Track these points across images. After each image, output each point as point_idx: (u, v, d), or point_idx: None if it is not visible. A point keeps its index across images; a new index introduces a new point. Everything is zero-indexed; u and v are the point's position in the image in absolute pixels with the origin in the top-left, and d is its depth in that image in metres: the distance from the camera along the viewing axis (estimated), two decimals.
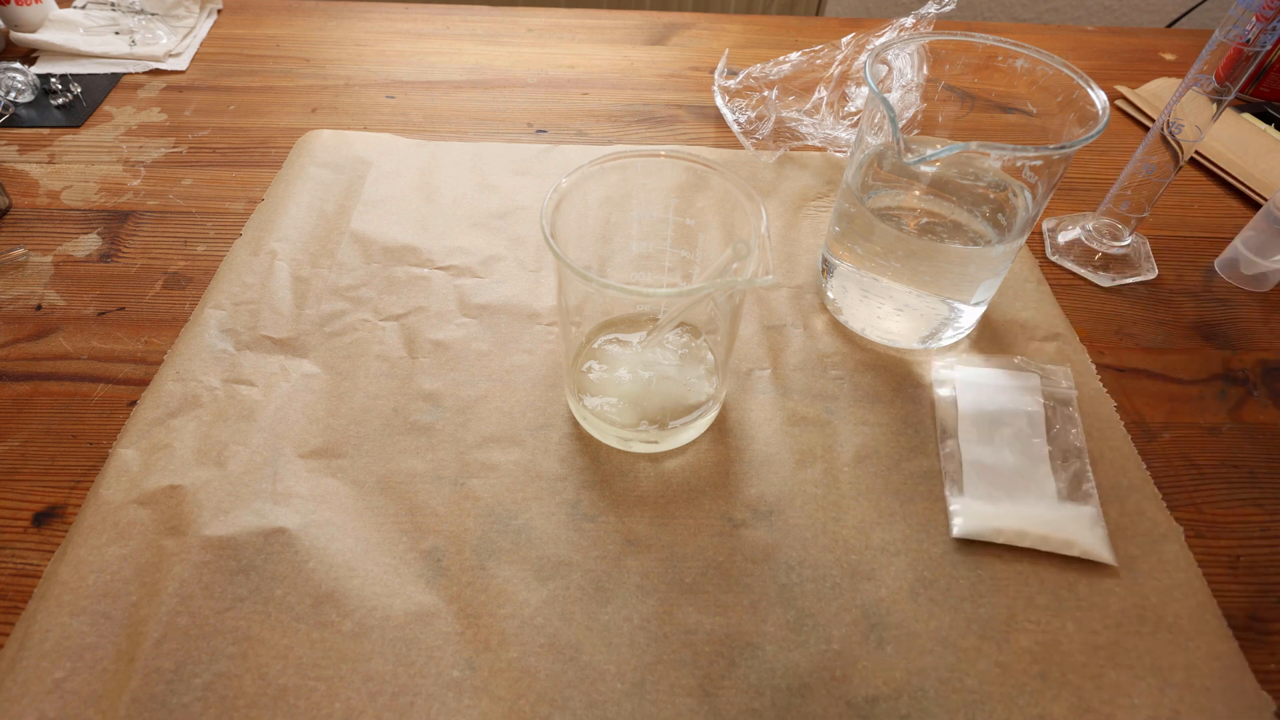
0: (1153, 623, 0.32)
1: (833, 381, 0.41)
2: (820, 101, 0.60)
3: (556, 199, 0.32)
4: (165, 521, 0.33)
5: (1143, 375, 0.43)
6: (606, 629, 0.31)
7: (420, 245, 0.47)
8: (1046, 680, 0.30)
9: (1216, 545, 0.35)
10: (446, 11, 0.74)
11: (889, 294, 0.40)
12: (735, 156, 0.56)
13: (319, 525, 0.33)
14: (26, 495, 0.35)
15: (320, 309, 0.43)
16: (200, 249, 0.48)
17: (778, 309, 0.45)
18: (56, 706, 0.28)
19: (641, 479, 0.36)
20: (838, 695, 0.29)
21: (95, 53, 0.64)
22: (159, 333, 0.43)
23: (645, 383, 0.38)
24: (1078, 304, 0.46)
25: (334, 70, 0.65)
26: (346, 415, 0.38)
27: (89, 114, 0.58)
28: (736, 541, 0.34)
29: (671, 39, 0.71)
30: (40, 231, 0.48)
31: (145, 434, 0.37)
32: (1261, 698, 0.30)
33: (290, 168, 0.53)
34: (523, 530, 0.34)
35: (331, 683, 0.29)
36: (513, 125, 0.59)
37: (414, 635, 0.31)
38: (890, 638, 0.31)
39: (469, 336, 0.42)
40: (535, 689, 0.29)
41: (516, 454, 0.37)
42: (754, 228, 0.31)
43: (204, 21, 0.70)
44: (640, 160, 0.34)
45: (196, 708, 0.28)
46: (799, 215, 0.51)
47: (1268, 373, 0.43)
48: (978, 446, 0.37)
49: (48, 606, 0.31)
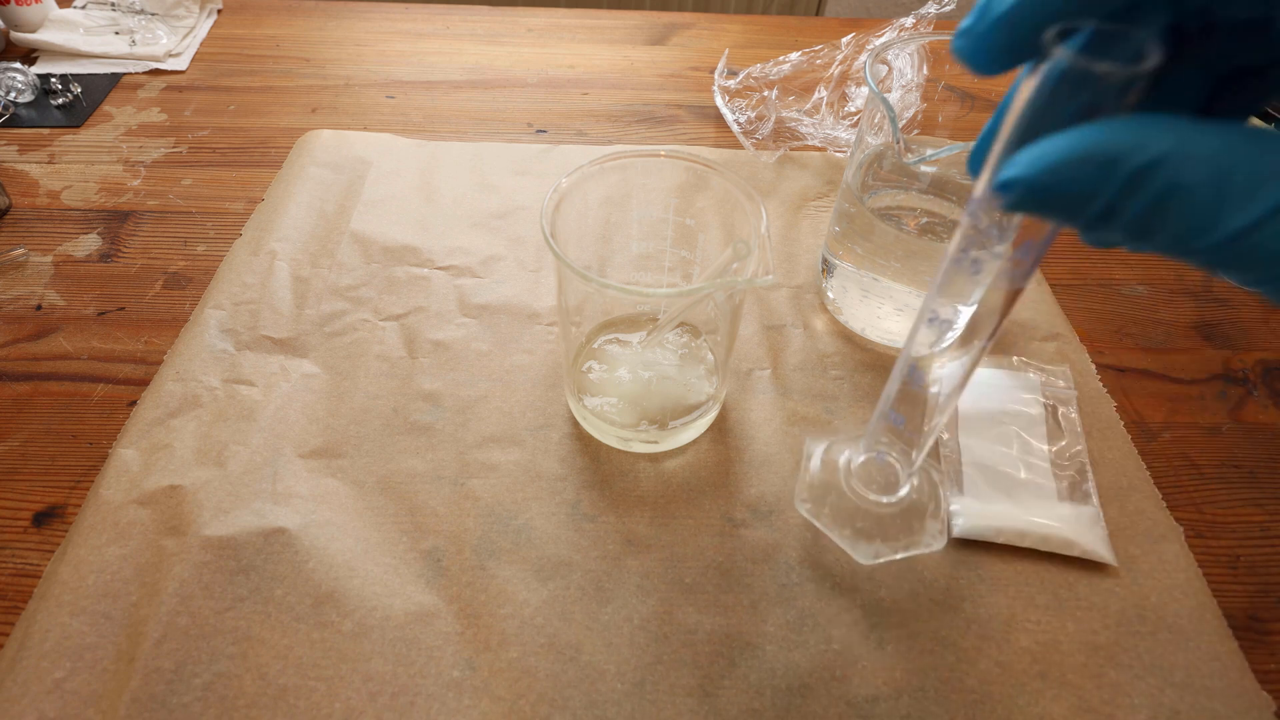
0: (1153, 623, 0.32)
1: (833, 381, 0.41)
2: (820, 101, 0.60)
3: (556, 199, 0.32)
4: (165, 521, 0.33)
5: (1143, 375, 0.43)
6: (606, 629, 0.31)
7: (420, 245, 0.47)
8: (1046, 680, 0.30)
9: (1216, 545, 0.35)
10: (446, 11, 0.74)
11: (889, 294, 0.40)
12: (735, 156, 0.56)
13: (319, 525, 0.34)
14: (26, 495, 0.35)
15: (320, 309, 0.43)
16: (200, 249, 0.48)
17: (778, 309, 0.45)
18: (56, 706, 0.28)
19: (641, 479, 0.36)
20: (838, 695, 0.29)
21: (95, 53, 0.64)
22: (159, 333, 0.43)
23: (645, 383, 0.38)
24: (1078, 304, 0.46)
25: (334, 70, 0.65)
26: (346, 415, 0.38)
27: (89, 114, 0.58)
28: (736, 541, 0.34)
29: (671, 39, 0.71)
30: (40, 231, 0.48)
31: (145, 434, 0.37)
32: (1261, 698, 0.30)
33: (290, 168, 0.53)
34: (523, 530, 0.34)
35: (331, 683, 0.29)
36: (513, 125, 0.59)
37: (414, 635, 0.31)
38: (890, 638, 0.31)
39: (469, 336, 0.42)
40: (535, 689, 0.29)
41: (516, 454, 0.37)
42: (754, 228, 0.31)
43: (204, 21, 0.70)
44: (640, 160, 0.34)
45: (196, 708, 0.28)
46: (799, 215, 0.51)
47: (1268, 373, 0.43)
48: (977, 446, 0.37)
49: (48, 606, 0.31)
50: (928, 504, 0.34)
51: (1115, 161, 0.14)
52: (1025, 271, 0.21)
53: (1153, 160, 0.14)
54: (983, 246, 0.21)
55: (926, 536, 0.32)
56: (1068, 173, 0.14)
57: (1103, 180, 0.14)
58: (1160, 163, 0.14)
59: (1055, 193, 0.15)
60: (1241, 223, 0.13)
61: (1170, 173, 0.14)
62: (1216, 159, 0.13)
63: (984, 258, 0.21)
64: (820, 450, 0.36)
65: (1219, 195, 0.13)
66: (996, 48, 0.17)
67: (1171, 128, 0.14)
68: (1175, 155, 0.14)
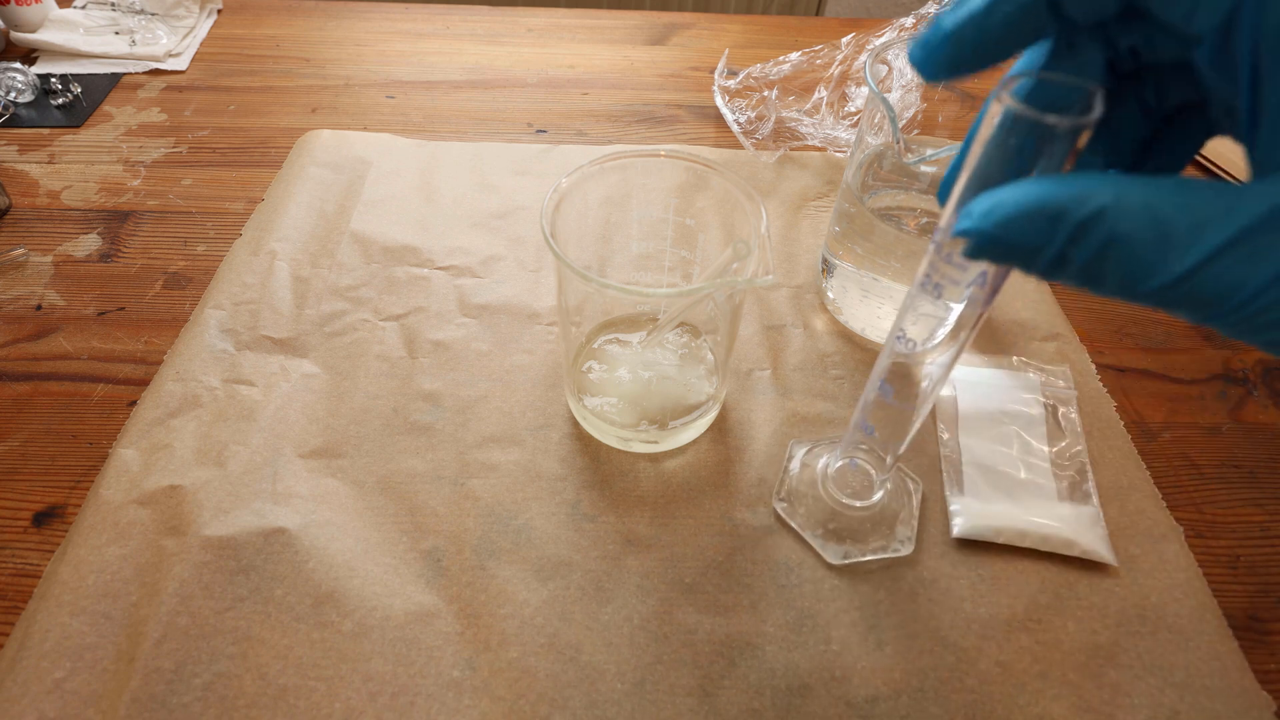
0: (1153, 623, 0.32)
1: (833, 381, 0.41)
2: (820, 101, 0.60)
3: (556, 199, 0.32)
4: (165, 521, 0.33)
5: (1143, 375, 0.43)
6: (606, 629, 0.31)
7: (420, 245, 0.47)
8: (1046, 680, 0.30)
9: (1216, 545, 0.35)
10: (446, 11, 0.74)
11: (889, 294, 0.40)
12: (735, 156, 0.56)
13: (319, 525, 0.33)
14: (26, 495, 0.35)
15: (320, 309, 0.43)
16: (200, 249, 0.48)
17: (778, 309, 0.45)
18: (56, 706, 0.28)
19: (641, 479, 0.36)
20: (838, 695, 0.29)
21: (95, 53, 0.64)
22: (159, 333, 0.43)
23: (645, 383, 0.38)
24: (1077, 303, 0.46)
25: (334, 70, 0.65)
26: (346, 415, 0.38)
27: (89, 114, 0.58)
28: (736, 541, 0.34)
29: (671, 39, 0.71)
30: (40, 231, 0.48)
31: (145, 434, 0.37)
32: (1261, 698, 0.30)
33: (290, 168, 0.53)
34: (523, 530, 0.34)
35: (331, 683, 0.29)
36: (513, 125, 0.59)
37: (414, 635, 0.31)
38: (890, 638, 0.31)
39: (469, 336, 0.42)
40: (535, 689, 0.29)
41: (516, 454, 0.37)
42: (754, 228, 0.31)
43: (204, 21, 0.70)
44: (640, 160, 0.34)
45: (196, 708, 0.28)
46: (799, 215, 0.51)
47: (1268, 373, 0.43)
48: (978, 446, 0.37)
49: (48, 606, 0.31)
50: (899, 510, 0.35)
51: (1060, 216, 0.15)
52: (987, 297, 0.22)
53: (1093, 213, 0.15)
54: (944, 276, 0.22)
55: (895, 541, 0.34)
56: (1018, 225, 0.16)
57: (1050, 233, 0.15)
58: (1100, 215, 0.15)
59: (1006, 244, 0.16)
60: (1179, 269, 0.14)
61: (1110, 224, 0.15)
62: (1151, 210, 0.15)
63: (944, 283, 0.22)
64: (802, 453, 0.37)
65: (1155, 243, 0.15)
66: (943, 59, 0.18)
67: (1112, 182, 0.15)
68: (1114, 208, 0.15)
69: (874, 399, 0.29)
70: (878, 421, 0.29)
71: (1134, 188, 0.15)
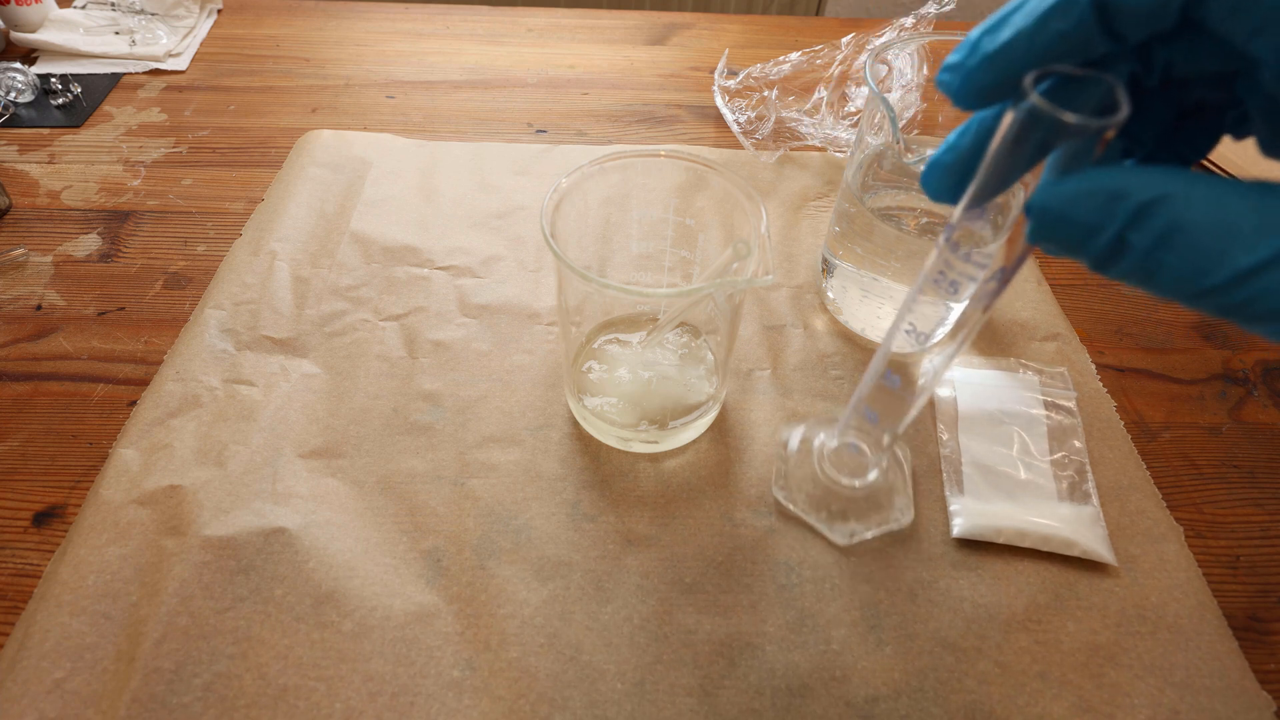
0: (1153, 623, 0.32)
1: (833, 381, 0.41)
2: (820, 101, 0.60)
3: (556, 199, 0.32)
4: (165, 521, 0.33)
5: (1143, 375, 0.43)
6: (606, 629, 0.31)
7: (420, 245, 0.47)
8: (1046, 680, 0.30)
9: (1216, 545, 0.35)
10: (446, 11, 0.74)
11: (889, 294, 0.40)
12: (735, 156, 0.56)
13: (319, 525, 0.33)
14: (26, 495, 0.35)
15: (320, 309, 0.43)
16: (200, 249, 0.48)
17: (778, 309, 0.45)
18: (56, 706, 0.28)
19: (641, 479, 0.36)
20: (838, 695, 0.29)
21: (95, 53, 0.64)
22: (159, 333, 0.43)
23: (645, 383, 0.38)
24: (1077, 304, 0.46)
25: (334, 70, 0.65)
26: (346, 415, 0.38)
27: (89, 114, 0.58)
28: (736, 541, 0.34)
29: (671, 39, 0.71)
30: (40, 231, 0.48)
31: (145, 434, 0.37)
32: (1261, 698, 0.30)
33: (290, 168, 0.53)
34: (523, 530, 0.34)
35: (331, 683, 0.29)
36: (513, 125, 0.59)
37: (414, 635, 0.31)
38: (890, 638, 0.31)
39: (469, 336, 0.42)
40: (535, 689, 0.29)
41: (516, 454, 0.37)
42: (754, 228, 0.31)
43: (204, 21, 0.70)
44: (640, 160, 0.34)
45: (196, 708, 0.28)
46: (799, 215, 0.51)
47: (1268, 373, 0.43)
48: (977, 446, 0.37)
49: (48, 606, 0.31)
50: (895, 482, 0.35)
51: (1122, 195, 0.15)
52: (994, 292, 0.22)
53: (1157, 197, 0.15)
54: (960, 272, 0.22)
55: (895, 512, 0.34)
56: (1080, 203, 0.15)
57: (1110, 212, 0.15)
58: (1165, 200, 0.15)
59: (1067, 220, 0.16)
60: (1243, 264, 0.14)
61: (1174, 210, 0.14)
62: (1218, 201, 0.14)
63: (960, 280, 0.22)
64: (795, 437, 0.37)
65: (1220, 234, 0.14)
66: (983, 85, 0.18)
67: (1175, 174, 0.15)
68: (1178, 195, 0.15)
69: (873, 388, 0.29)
70: (878, 406, 0.30)
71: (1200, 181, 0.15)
